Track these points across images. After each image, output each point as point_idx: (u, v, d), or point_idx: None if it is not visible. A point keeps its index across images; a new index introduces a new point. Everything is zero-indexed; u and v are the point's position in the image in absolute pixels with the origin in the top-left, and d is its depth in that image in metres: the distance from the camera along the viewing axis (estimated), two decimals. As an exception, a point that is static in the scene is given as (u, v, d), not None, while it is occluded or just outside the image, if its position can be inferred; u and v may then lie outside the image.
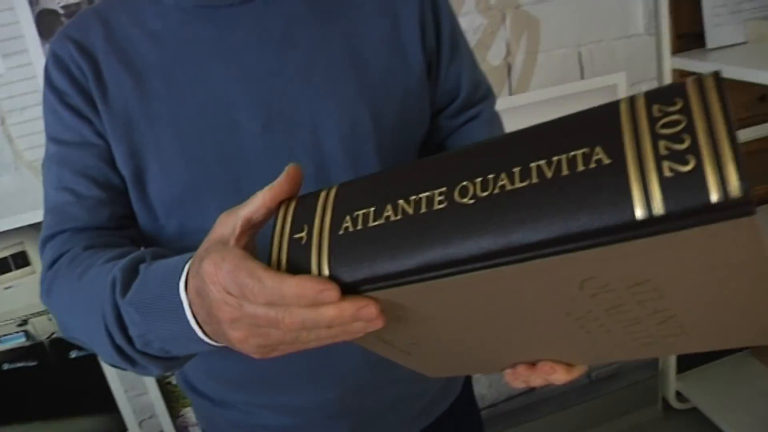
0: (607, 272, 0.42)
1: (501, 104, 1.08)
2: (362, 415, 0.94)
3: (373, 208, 0.47)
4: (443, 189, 0.45)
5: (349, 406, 0.92)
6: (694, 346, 0.56)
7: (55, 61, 0.82)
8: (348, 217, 0.48)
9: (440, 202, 0.44)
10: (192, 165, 0.80)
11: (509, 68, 1.78)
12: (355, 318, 0.47)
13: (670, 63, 1.86)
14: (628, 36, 1.86)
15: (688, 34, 1.87)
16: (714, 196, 0.35)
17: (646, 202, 0.37)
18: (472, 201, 0.43)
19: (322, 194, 0.51)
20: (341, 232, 0.48)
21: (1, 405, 1.69)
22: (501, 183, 0.42)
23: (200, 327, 0.57)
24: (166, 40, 0.81)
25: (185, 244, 0.83)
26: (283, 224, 0.52)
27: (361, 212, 0.47)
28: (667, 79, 1.88)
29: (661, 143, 0.37)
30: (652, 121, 0.39)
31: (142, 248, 0.81)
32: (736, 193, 0.34)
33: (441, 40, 0.89)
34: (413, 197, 0.46)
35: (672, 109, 0.38)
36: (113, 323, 0.64)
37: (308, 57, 0.82)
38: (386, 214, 0.46)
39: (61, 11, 1.44)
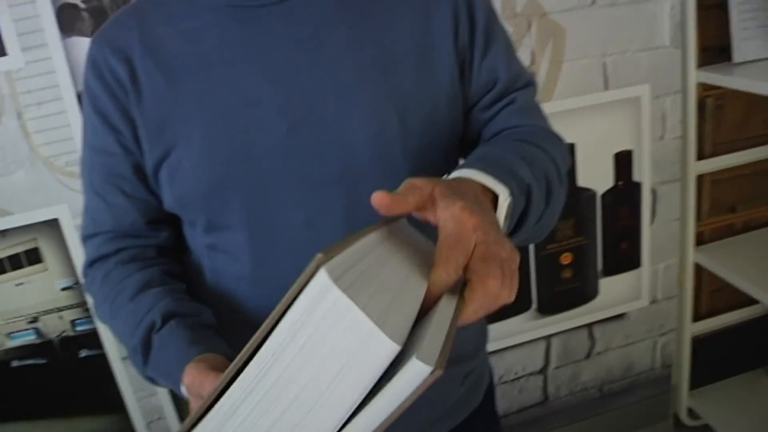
0: None
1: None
2: None
3: None
4: None
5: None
6: None
7: (91, 65, 0.85)
8: None
9: None
10: (219, 163, 0.82)
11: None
12: None
13: (695, 76, 1.83)
14: (654, 48, 1.83)
15: (715, 47, 1.84)
16: None
17: None
18: None
19: None
20: None
21: (9, 402, 1.68)
22: None
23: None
24: (198, 40, 0.82)
25: (212, 240, 0.88)
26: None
27: None
28: (692, 93, 1.85)
29: None
30: None
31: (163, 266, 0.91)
32: None
33: (474, 37, 0.87)
34: None
35: None
36: (137, 364, 0.83)
37: (337, 58, 0.82)
38: None
39: (82, 5, 1.42)
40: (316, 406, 0.47)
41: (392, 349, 0.44)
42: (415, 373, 0.43)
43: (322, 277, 0.43)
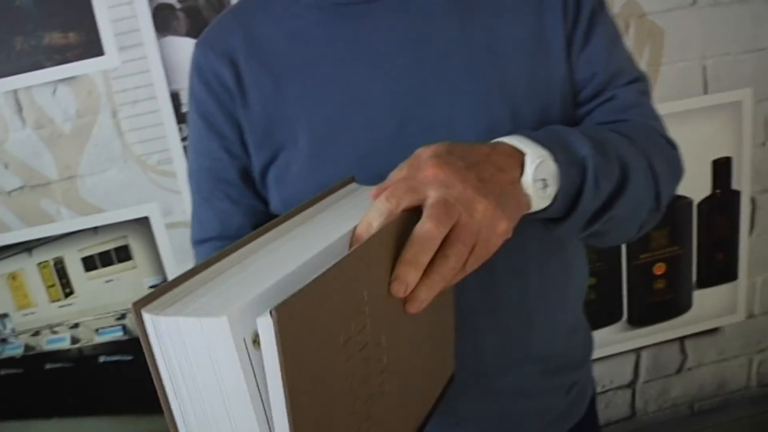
0: None
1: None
2: (479, 426, 0.89)
3: None
4: None
5: (466, 414, 0.88)
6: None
7: (195, 69, 0.85)
8: None
9: None
10: (328, 165, 0.79)
11: (629, 79, 1.69)
12: None
13: (802, 79, 1.74)
14: (757, 50, 1.74)
15: (822, 50, 1.75)
16: None
17: None
18: None
19: None
20: None
21: (96, 397, 1.70)
22: None
23: None
24: (303, 40, 0.81)
25: None
26: None
27: None
28: (798, 97, 1.76)
29: None
30: None
31: None
32: None
33: (577, 24, 0.81)
34: None
35: None
36: None
37: (446, 53, 0.78)
38: None
39: (178, 5, 1.43)
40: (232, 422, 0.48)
41: (221, 323, 0.44)
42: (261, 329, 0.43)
43: (145, 317, 0.46)
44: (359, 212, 0.61)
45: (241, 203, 0.87)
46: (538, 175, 0.61)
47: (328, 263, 0.48)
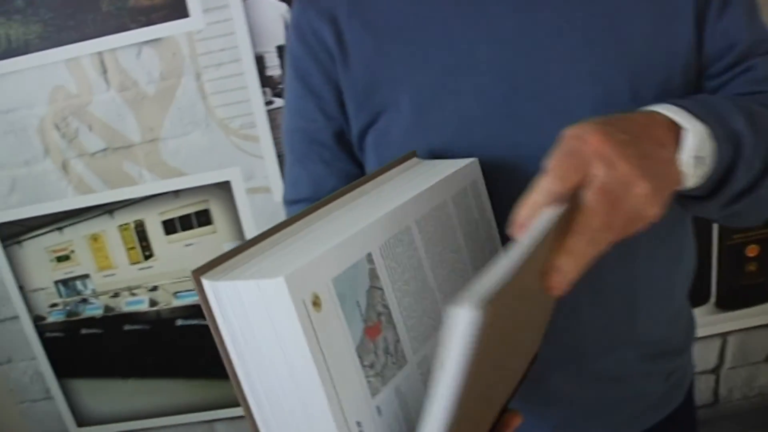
0: None
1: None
2: (569, 410, 0.87)
3: None
4: None
5: (560, 393, 0.85)
6: None
7: (294, 28, 0.83)
8: None
9: None
10: (431, 130, 0.77)
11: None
12: None
13: None
14: None
15: None
16: None
17: None
18: None
19: None
20: None
21: (171, 359, 1.72)
22: None
23: None
24: (408, 0, 0.77)
25: None
26: None
27: None
28: None
29: None
30: None
31: None
32: None
33: None
34: None
35: None
36: None
37: (562, 17, 0.73)
38: None
39: (264, -34, 1.41)
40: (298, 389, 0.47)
41: (278, 284, 0.44)
42: (454, 321, 0.38)
43: (204, 284, 0.48)
44: (418, 183, 0.62)
45: (335, 166, 0.86)
46: (698, 152, 0.57)
47: (395, 230, 0.50)
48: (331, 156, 0.85)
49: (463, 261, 0.66)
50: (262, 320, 0.46)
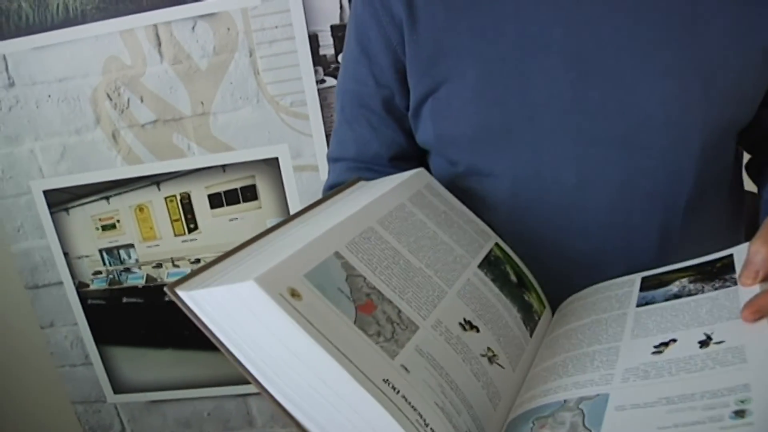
0: None
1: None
2: None
3: None
4: None
5: None
6: None
7: None
8: None
9: None
10: (491, 106, 0.77)
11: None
12: None
13: None
14: None
15: None
16: None
17: None
18: None
19: None
20: None
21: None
22: None
23: None
24: None
25: (470, 185, 0.84)
26: None
27: None
28: None
29: None
30: None
31: None
32: None
33: None
34: None
35: None
36: None
37: (640, 7, 0.72)
38: None
39: (321, -55, 1.41)
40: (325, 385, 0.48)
41: (249, 286, 0.46)
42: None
43: (181, 295, 0.51)
44: (370, 195, 0.67)
45: (381, 132, 0.88)
46: None
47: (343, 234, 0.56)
48: (378, 121, 0.87)
49: (443, 241, 0.68)
50: (252, 322, 0.48)
